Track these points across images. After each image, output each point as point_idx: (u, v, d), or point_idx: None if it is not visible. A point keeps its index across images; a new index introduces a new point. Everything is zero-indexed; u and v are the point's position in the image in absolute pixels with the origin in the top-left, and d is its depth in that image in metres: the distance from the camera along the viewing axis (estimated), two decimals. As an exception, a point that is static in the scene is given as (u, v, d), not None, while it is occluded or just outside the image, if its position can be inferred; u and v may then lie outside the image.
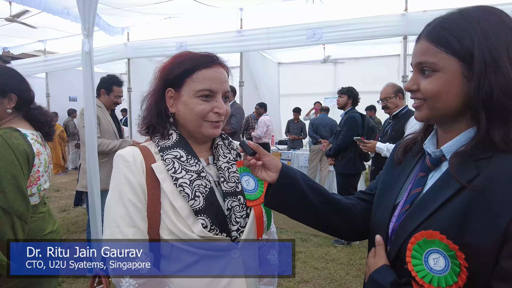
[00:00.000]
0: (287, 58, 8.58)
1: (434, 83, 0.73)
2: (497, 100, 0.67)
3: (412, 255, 0.71)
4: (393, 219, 0.83)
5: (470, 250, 0.65)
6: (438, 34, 0.73)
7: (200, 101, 0.95)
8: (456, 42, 0.71)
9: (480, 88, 0.68)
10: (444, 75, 0.72)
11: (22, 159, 1.39)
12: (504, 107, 0.68)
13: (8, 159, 1.34)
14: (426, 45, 0.75)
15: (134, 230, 0.89)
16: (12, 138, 1.39)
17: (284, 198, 0.92)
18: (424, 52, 0.75)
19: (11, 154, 1.35)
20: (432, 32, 0.74)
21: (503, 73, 0.68)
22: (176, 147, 0.97)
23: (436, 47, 0.73)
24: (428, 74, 0.74)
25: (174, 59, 0.99)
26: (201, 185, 0.93)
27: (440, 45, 0.72)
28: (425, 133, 0.88)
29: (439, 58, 0.72)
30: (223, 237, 0.92)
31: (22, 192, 1.37)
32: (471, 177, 0.68)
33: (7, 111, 1.48)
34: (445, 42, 0.72)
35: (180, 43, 6.58)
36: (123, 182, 0.92)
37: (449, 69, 0.71)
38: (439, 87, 0.72)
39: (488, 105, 0.68)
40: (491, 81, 0.68)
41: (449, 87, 0.72)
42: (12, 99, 1.49)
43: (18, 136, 1.42)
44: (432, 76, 0.73)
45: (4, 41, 8.45)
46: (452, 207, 0.69)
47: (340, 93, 4.13)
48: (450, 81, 0.71)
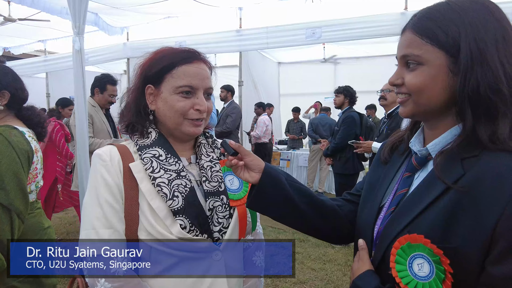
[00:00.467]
0: (287, 57, 8.55)
1: (419, 77, 0.69)
2: (484, 96, 0.64)
3: (396, 260, 0.68)
4: (378, 222, 0.80)
5: (456, 255, 0.61)
6: (424, 25, 0.69)
7: (180, 98, 0.92)
8: (441, 34, 0.67)
9: (466, 83, 0.64)
10: (429, 68, 0.68)
11: (23, 156, 1.40)
12: (491, 103, 0.64)
13: (10, 157, 1.34)
14: (411, 37, 0.71)
15: (110, 231, 0.86)
16: (12, 136, 1.39)
17: (266, 200, 0.89)
18: (408, 44, 0.71)
19: (12, 151, 1.36)
20: (418, 23, 0.70)
21: (491, 68, 0.64)
22: (155, 146, 0.93)
23: (421, 39, 0.69)
24: (412, 67, 0.70)
25: (154, 54, 0.95)
26: (181, 184, 0.89)
27: (425, 36, 0.68)
28: (412, 131, 0.84)
29: (424, 51, 0.68)
30: (203, 238, 0.88)
31: (23, 190, 1.37)
32: (457, 177, 0.64)
33: None
34: (430, 34, 0.68)
35: (179, 42, 6.53)
36: (100, 182, 0.89)
37: (434, 63, 0.68)
38: (423, 81, 0.68)
39: (475, 101, 0.65)
40: (477, 76, 0.64)
41: (434, 81, 0.68)
42: (5, 95, 1.49)
43: (17, 134, 1.43)
44: (417, 70, 0.69)
45: (5, 41, 8.46)
46: (438, 209, 0.65)
47: (336, 92, 4.09)
48: (435, 75, 0.68)
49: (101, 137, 3.00)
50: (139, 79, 0.96)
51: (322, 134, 6.07)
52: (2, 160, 1.31)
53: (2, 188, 1.29)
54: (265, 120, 6.28)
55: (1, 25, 6.84)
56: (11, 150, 1.35)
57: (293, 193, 0.89)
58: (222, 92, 5.41)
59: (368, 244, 0.81)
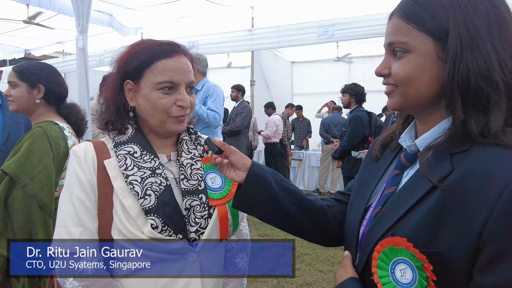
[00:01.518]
0: (300, 56, 8.47)
1: (405, 66, 0.63)
2: (474, 84, 0.57)
3: (378, 264, 0.62)
4: (364, 223, 0.74)
5: (441, 261, 0.55)
6: (410, 9, 0.63)
7: (162, 95, 0.87)
8: (428, 18, 0.61)
9: (456, 70, 0.58)
10: (417, 56, 0.62)
11: (56, 151, 1.49)
12: (482, 92, 0.57)
13: (44, 149, 1.44)
14: (397, 23, 0.65)
15: (81, 229, 0.83)
16: (52, 131, 1.50)
17: (251, 199, 0.84)
18: (395, 31, 0.65)
19: (48, 145, 1.46)
20: (404, 8, 0.64)
21: (482, 53, 0.57)
22: (131, 142, 0.90)
23: (408, 25, 0.63)
24: (399, 55, 0.64)
25: (132, 48, 0.91)
26: (155, 182, 0.86)
27: (412, 21, 0.62)
28: (403, 126, 0.78)
29: (410, 37, 0.62)
30: (175, 238, 0.84)
31: (50, 183, 1.45)
32: (444, 174, 0.58)
33: (35, 101, 1.58)
34: (417, 18, 0.62)
35: (192, 42, 6.57)
36: (73, 179, 0.86)
37: (422, 50, 0.61)
38: (410, 70, 0.62)
39: (464, 91, 0.58)
40: (467, 63, 0.57)
41: (422, 70, 0.62)
42: (41, 89, 1.58)
43: (57, 130, 1.54)
44: (404, 58, 0.63)
45: (26, 43, 8.71)
46: (423, 209, 0.59)
47: (342, 92, 3.98)
48: (423, 64, 0.61)
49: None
50: (117, 74, 0.92)
51: (334, 134, 5.96)
52: (36, 152, 1.42)
53: (31, 178, 1.40)
54: (276, 120, 6.22)
55: (22, 28, 7.06)
56: (46, 144, 1.45)
57: (280, 192, 0.84)
58: (232, 92, 5.39)
59: (354, 246, 0.75)
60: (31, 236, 1.41)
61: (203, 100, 2.90)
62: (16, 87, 1.56)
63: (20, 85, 1.56)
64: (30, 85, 1.57)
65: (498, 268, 0.50)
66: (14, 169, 1.39)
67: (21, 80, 1.56)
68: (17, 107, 1.58)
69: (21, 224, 1.40)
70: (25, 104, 1.58)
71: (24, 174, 1.40)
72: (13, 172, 1.39)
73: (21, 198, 1.40)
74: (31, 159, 1.42)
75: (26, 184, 1.40)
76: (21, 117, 2.30)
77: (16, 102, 1.56)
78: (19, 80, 1.56)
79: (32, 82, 1.57)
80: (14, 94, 1.56)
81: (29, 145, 1.43)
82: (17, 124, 2.28)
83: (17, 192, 1.40)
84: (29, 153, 1.42)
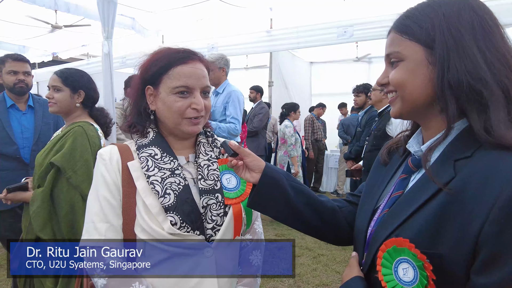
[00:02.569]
0: (319, 57, 8.42)
1: (399, 72, 0.69)
2: (467, 84, 0.61)
3: (382, 263, 0.65)
4: (372, 224, 0.77)
5: (441, 262, 0.58)
6: (402, 23, 0.70)
7: (177, 98, 0.94)
8: (417, 28, 0.67)
9: (445, 71, 0.63)
10: (409, 63, 0.68)
11: (93, 149, 1.66)
12: (475, 91, 0.61)
13: (84, 146, 1.63)
14: (392, 36, 0.71)
15: (107, 225, 0.90)
16: (89, 130, 1.69)
17: (265, 199, 0.89)
18: (390, 43, 0.71)
19: (87, 142, 1.65)
20: (397, 22, 0.71)
21: (468, 55, 0.62)
22: (152, 145, 0.97)
23: (401, 36, 0.69)
24: (395, 64, 0.70)
25: (152, 56, 0.99)
26: (174, 182, 0.92)
27: (403, 33, 0.69)
28: (411, 133, 0.81)
29: (403, 47, 0.68)
30: (193, 235, 0.90)
31: (90, 176, 1.56)
32: (447, 180, 0.61)
33: (76, 105, 1.77)
34: (407, 30, 0.68)
35: (211, 44, 6.68)
36: (100, 180, 0.94)
37: (413, 57, 0.67)
38: (404, 75, 0.68)
39: (458, 92, 0.62)
40: (456, 65, 0.62)
41: (414, 74, 0.67)
42: (81, 95, 1.78)
43: (93, 130, 1.73)
44: (398, 66, 0.69)
45: (53, 47, 9.09)
46: (427, 212, 0.62)
47: (356, 92, 3.94)
48: (415, 69, 0.67)
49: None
50: (139, 80, 1.00)
51: (353, 134, 5.92)
52: (78, 148, 1.61)
53: (74, 172, 1.57)
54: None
55: (50, 33, 7.37)
56: (86, 141, 1.64)
57: (292, 193, 0.89)
58: (251, 92, 5.44)
59: (361, 246, 0.79)
60: (73, 224, 1.55)
61: (224, 105, 2.94)
62: (59, 91, 1.73)
63: (64, 89, 1.73)
64: (73, 90, 1.75)
65: (492, 269, 0.53)
66: (62, 162, 1.56)
67: (65, 85, 1.73)
68: (58, 109, 1.75)
69: (65, 212, 1.55)
70: (66, 107, 1.75)
71: (69, 167, 1.57)
72: (61, 165, 1.56)
73: (66, 189, 1.56)
74: (74, 155, 1.59)
75: (71, 176, 1.56)
76: (50, 118, 2.44)
77: (59, 105, 1.74)
78: (63, 85, 1.73)
79: (74, 87, 1.75)
80: (57, 97, 1.73)
81: (72, 142, 1.61)
82: (47, 125, 2.42)
83: (62, 184, 1.58)
84: (73, 149, 1.60)
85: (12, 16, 6.40)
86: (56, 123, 2.49)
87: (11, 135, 2.26)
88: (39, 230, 1.51)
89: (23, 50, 8.51)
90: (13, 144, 2.26)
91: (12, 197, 1.71)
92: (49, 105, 1.76)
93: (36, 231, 1.52)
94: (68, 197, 1.57)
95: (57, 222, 1.56)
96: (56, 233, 1.54)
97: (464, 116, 0.64)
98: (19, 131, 2.32)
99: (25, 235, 1.65)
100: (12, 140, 2.26)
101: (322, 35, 5.70)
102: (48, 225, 1.53)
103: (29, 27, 6.94)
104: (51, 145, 1.69)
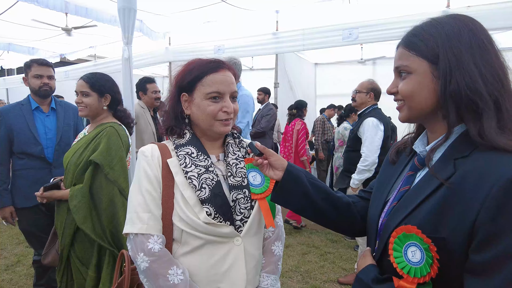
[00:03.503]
0: (324, 58, 8.51)
1: (408, 84, 0.80)
2: (465, 96, 0.73)
3: (394, 248, 0.76)
4: (383, 215, 0.89)
5: (444, 244, 0.69)
6: (409, 40, 0.81)
7: (210, 103, 1.06)
8: (423, 46, 0.78)
9: (447, 85, 0.74)
10: (416, 76, 0.79)
11: (125, 147, 1.84)
12: (473, 102, 0.72)
13: (118, 145, 1.79)
14: (401, 51, 0.82)
15: (149, 215, 1.02)
16: (120, 130, 1.85)
17: (287, 194, 1.01)
18: (399, 57, 0.82)
19: (120, 141, 1.80)
20: (405, 39, 0.82)
21: (467, 71, 0.73)
22: (189, 145, 1.09)
23: (409, 52, 0.80)
24: (404, 76, 0.81)
25: (186, 66, 1.11)
26: (208, 178, 1.04)
27: (411, 49, 0.79)
28: (415, 136, 0.93)
29: (411, 61, 0.79)
30: (225, 224, 1.02)
31: (125, 171, 1.79)
32: (448, 175, 0.72)
33: (103, 107, 1.93)
34: (415, 47, 0.79)
35: (218, 46, 6.80)
36: (142, 174, 1.05)
37: (420, 70, 0.78)
38: (412, 87, 0.79)
39: (458, 102, 0.74)
40: (457, 79, 0.73)
41: (421, 86, 0.78)
42: (107, 98, 1.94)
43: (123, 129, 1.90)
44: (407, 78, 0.80)
45: (61, 48, 9.25)
46: (431, 203, 0.74)
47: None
48: (421, 81, 0.78)
49: (145, 138, 3.26)
50: (174, 89, 1.12)
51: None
52: (113, 147, 1.76)
53: (111, 168, 1.72)
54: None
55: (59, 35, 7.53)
56: (119, 140, 1.80)
57: (311, 189, 1.00)
58: (259, 94, 5.52)
59: (374, 235, 0.90)
60: (114, 215, 1.69)
61: None
62: (88, 96, 1.88)
63: (92, 94, 1.89)
64: (100, 95, 1.91)
65: (487, 249, 0.64)
66: (100, 160, 1.71)
67: (92, 90, 1.87)
68: (87, 112, 1.90)
69: (106, 206, 1.69)
70: (95, 110, 1.91)
71: (106, 164, 1.72)
72: (100, 162, 1.71)
73: (105, 184, 1.70)
74: (110, 152, 1.74)
75: (108, 172, 1.71)
76: (70, 120, 2.57)
77: (88, 109, 1.89)
78: (91, 90, 1.88)
79: (101, 92, 1.91)
80: (86, 102, 1.87)
81: (107, 141, 1.76)
82: (68, 126, 2.55)
83: (100, 180, 1.73)
84: (108, 148, 1.75)
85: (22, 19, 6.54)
86: (75, 125, 2.62)
87: (36, 136, 2.39)
88: (81, 223, 1.65)
89: (32, 51, 8.67)
90: (38, 145, 2.39)
91: (49, 195, 1.83)
92: (79, 109, 1.89)
93: (78, 224, 1.66)
94: (107, 192, 1.70)
95: (96, 215, 1.70)
96: (96, 225, 1.68)
97: (463, 122, 0.76)
98: (43, 132, 2.44)
99: (62, 230, 1.77)
100: (37, 141, 2.39)
101: (327, 37, 5.78)
102: (88, 218, 1.67)
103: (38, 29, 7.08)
104: (83, 145, 1.82)
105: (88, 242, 1.73)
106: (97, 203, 1.71)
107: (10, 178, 2.44)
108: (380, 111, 3.12)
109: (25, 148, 2.37)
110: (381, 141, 2.92)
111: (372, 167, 2.90)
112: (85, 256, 1.72)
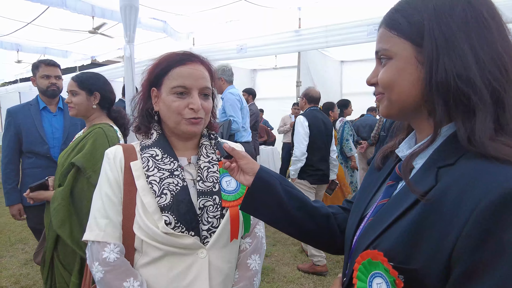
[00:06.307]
0: (350, 55, 8.23)
1: (387, 72, 0.64)
2: (454, 87, 0.56)
3: (358, 276, 0.63)
4: (358, 232, 0.74)
5: (417, 277, 0.55)
6: (391, 18, 0.65)
7: (175, 98, 0.96)
8: (406, 23, 0.62)
9: (433, 74, 0.58)
10: (397, 62, 0.63)
11: None
12: (463, 95, 0.56)
13: (104, 147, 1.63)
14: (381, 32, 0.66)
15: (107, 221, 0.95)
16: (109, 132, 1.76)
17: (257, 203, 0.88)
18: (379, 39, 0.67)
19: (107, 143, 1.70)
20: (387, 17, 0.66)
21: (459, 55, 0.56)
22: (154, 146, 1.00)
23: (389, 32, 0.64)
24: (384, 62, 0.65)
25: (157, 60, 1.02)
26: (172, 183, 0.94)
27: (392, 29, 0.63)
28: (406, 135, 0.76)
29: (391, 44, 0.63)
30: (187, 235, 0.92)
31: None
32: (427, 188, 0.57)
33: (92, 106, 1.85)
34: (396, 25, 0.63)
35: (240, 45, 6.74)
36: (103, 178, 0.98)
37: (401, 55, 0.62)
38: (392, 75, 0.63)
39: (446, 95, 0.57)
40: (445, 65, 0.57)
41: (402, 74, 0.62)
42: (97, 96, 1.85)
43: (113, 131, 1.81)
44: (387, 65, 0.64)
45: (92, 51, 9.59)
46: (405, 222, 0.59)
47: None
48: (403, 68, 0.62)
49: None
50: (145, 83, 1.04)
51: (362, 135, 5.70)
52: (98, 149, 1.65)
53: (94, 171, 1.61)
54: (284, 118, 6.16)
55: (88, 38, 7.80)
56: (106, 142, 1.70)
57: (285, 197, 0.87)
58: (243, 95, 5.38)
59: (347, 254, 0.77)
60: None
61: (222, 107, 3.36)
62: (76, 95, 1.82)
63: (80, 93, 1.82)
64: (88, 93, 1.83)
65: (468, 285, 0.48)
66: (82, 162, 1.63)
67: (80, 88, 1.81)
68: (77, 112, 1.84)
69: (87, 210, 1.61)
70: (84, 109, 1.84)
71: (89, 167, 1.63)
72: (82, 164, 1.63)
73: (87, 188, 1.62)
74: (95, 155, 1.65)
75: (91, 176, 1.62)
76: (77, 119, 2.58)
77: (77, 108, 1.82)
78: (79, 88, 1.82)
79: (90, 90, 1.83)
80: (75, 101, 1.82)
81: (93, 143, 1.68)
82: (75, 125, 2.56)
83: (82, 183, 1.64)
84: (93, 150, 1.66)
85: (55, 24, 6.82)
86: (83, 124, 2.63)
87: (43, 136, 2.42)
88: (58, 227, 1.58)
89: (66, 54, 9.05)
90: (45, 144, 2.42)
91: (35, 196, 1.80)
92: (69, 109, 1.85)
93: (55, 228, 1.59)
94: (89, 196, 1.60)
95: (77, 220, 1.63)
96: (75, 230, 1.60)
97: (453, 120, 0.60)
98: (50, 131, 2.47)
99: (47, 231, 1.74)
100: (44, 140, 2.41)
101: (351, 33, 5.56)
102: (66, 223, 1.60)
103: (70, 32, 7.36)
104: (73, 146, 1.78)
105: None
106: (79, 207, 1.64)
107: (19, 176, 2.48)
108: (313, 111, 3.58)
109: (33, 147, 2.41)
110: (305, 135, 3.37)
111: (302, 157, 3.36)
112: (68, 261, 1.67)
